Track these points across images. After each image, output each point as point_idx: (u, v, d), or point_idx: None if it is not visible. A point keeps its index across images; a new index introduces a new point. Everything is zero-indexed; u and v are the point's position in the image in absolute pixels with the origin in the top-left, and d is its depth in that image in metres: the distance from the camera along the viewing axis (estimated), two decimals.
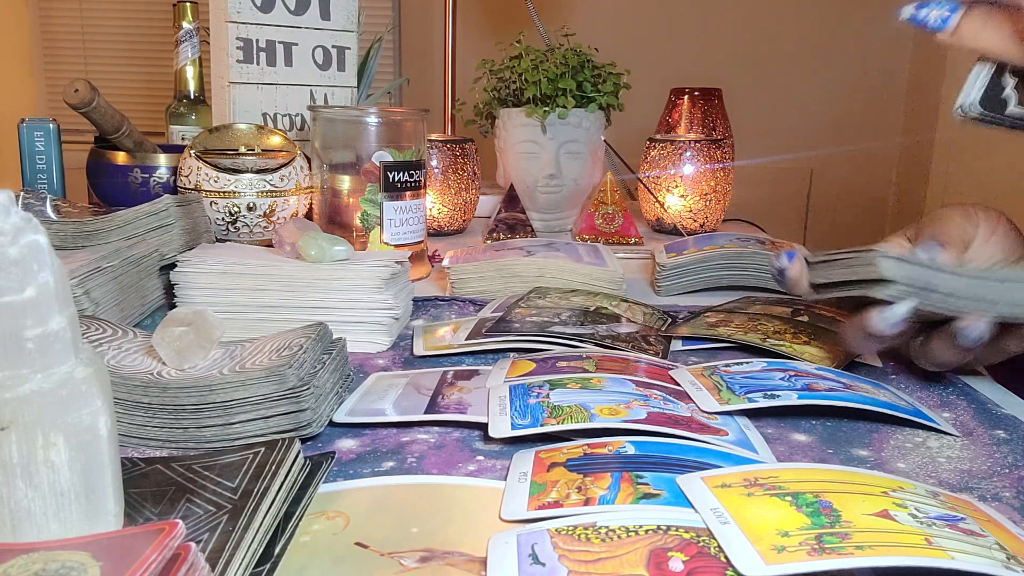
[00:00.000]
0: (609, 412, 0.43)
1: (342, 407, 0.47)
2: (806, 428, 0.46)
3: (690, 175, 1.09)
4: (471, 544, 0.33)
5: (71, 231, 0.66)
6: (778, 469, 0.37)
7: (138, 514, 0.33)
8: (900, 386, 0.53)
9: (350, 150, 0.77)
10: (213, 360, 0.47)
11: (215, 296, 0.60)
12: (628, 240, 1.00)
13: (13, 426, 0.28)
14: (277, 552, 0.32)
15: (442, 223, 1.09)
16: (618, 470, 0.37)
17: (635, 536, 0.31)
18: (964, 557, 0.28)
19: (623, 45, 1.62)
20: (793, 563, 0.28)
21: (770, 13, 2.35)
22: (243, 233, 0.82)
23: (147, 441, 0.43)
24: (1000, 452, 0.44)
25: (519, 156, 1.10)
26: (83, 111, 0.80)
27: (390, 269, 0.61)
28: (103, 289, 0.57)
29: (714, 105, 1.29)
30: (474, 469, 0.40)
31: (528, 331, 0.59)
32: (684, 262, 0.80)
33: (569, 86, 1.05)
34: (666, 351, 0.60)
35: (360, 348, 0.59)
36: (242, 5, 0.90)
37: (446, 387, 0.50)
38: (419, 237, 0.81)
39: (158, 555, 0.25)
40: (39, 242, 0.28)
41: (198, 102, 1.17)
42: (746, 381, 0.49)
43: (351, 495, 0.37)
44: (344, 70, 1.00)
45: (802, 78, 2.37)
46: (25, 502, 0.28)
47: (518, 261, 0.76)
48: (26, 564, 0.25)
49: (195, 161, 0.81)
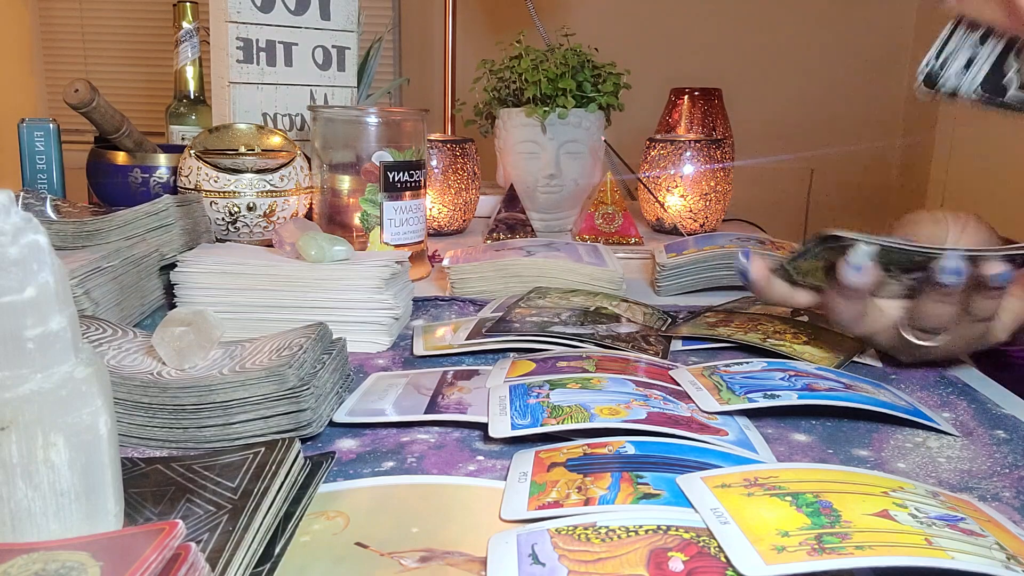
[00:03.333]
0: (609, 412, 0.43)
1: (342, 407, 0.47)
2: (806, 428, 0.46)
3: (690, 175, 1.09)
4: (471, 544, 0.33)
5: (71, 231, 0.66)
6: (778, 469, 0.37)
7: (138, 514, 0.33)
8: (900, 386, 0.53)
9: (350, 150, 0.77)
10: (213, 360, 0.47)
11: (215, 296, 0.60)
12: (628, 240, 1.00)
13: (13, 426, 0.28)
14: (277, 552, 0.32)
15: (442, 223, 1.09)
16: (618, 470, 0.37)
17: (635, 536, 0.31)
18: (964, 557, 0.28)
19: (623, 45, 1.62)
20: (793, 563, 0.28)
21: (770, 13, 2.35)
22: (243, 233, 0.82)
23: (147, 441, 0.43)
24: (1000, 452, 0.44)
25: (519, 156, 1.10)
26: (83, 111, 0.80)
27: (390, 269, 0.61)
28: (103, 289, 0.57)
29: (714, 105, 1.29)
30: (474, 469, 0.40)
31: (528, 331, 0.59)
32: (684, 262, 0.80)
33: (569, 86, 1.05)
34: (666, 351, 0.60)
35: (360, 348, 0.59)
36: (242, 5, 0.90)
37: (446, 387, 0.50)
38: (419, 237, 0.81)
39: (158, 555, 0.25)
40: (39, 242, 0.28)
41: (198, 102, 1.17)
42: (746, 381, 0.49)
43: (351, 495, 0.37)
44: (344, 70, 1.00)
45: (802, 78, 2.37)
46: (25, 502, 0.28)
47: (518, 261, 0.76)
48: (26, 564, 0.25)
49: (195, 161, 0.81)
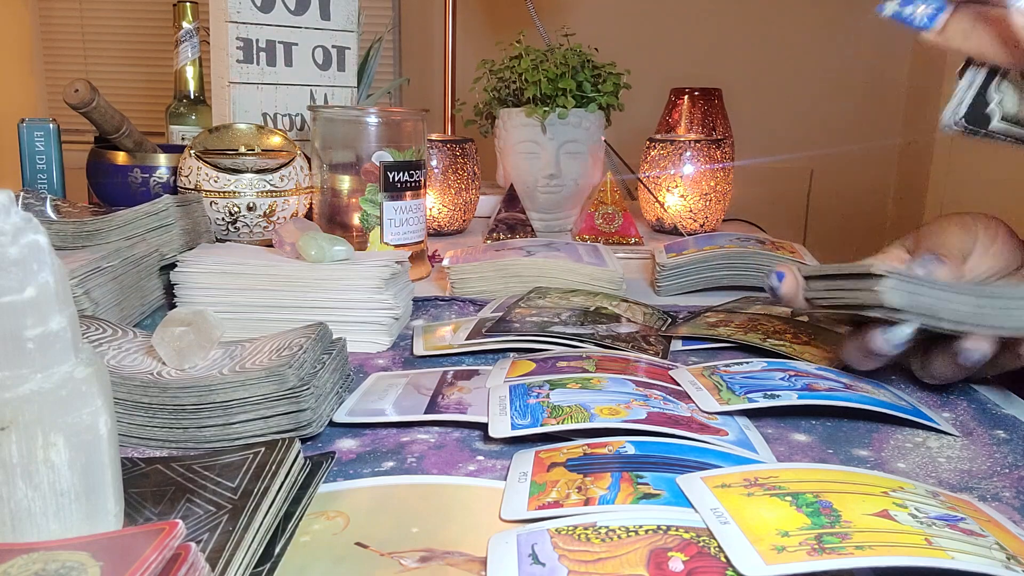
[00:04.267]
0: (609, 412, 0.43)
1: (342, 407, 0.47)
2: (806, 428, 0.46)
3: (690, 175, 1.09)
4: (471, 544, 0.33)
5: (71, 231, 0.66)
6: (778, 469, 0.37)
7: (138, 514, 0.33)
8: (900, 386, 0.53)
9: (350, 150, 0.77)
10: (213, 360, 0.47)
11: (215, 296, 0.60)
12: (628, 240, 1.00)
13: (13, 426, 0.28)
14: (277, 552, 0.32)
15: (442, 223, 1.09)
16: (618, 470, 0.37)
17: (635, 536, 0.31)
18: (964, 557, 0.28)
19: (623, 45, 1.62)
20: (793, 563, 0.28)
21: (770, 13, 2.35)
22: (243, 233, 0.82)
23: (147, 441, 0.43)
24: (1000, 452, 0.44)
25: (519, 156, 1.10)
26: (83, 111, 0.80)
27: (390, 269, 0.61)
28: (103, 289, 0.57)
29: (714, 105, 1.29)
30: (474, 469, 0.40)
31: (528, 331, 0.59)
32: (684, 262, 0.80)
33: (569, 86, 1.05)
34: (666, 351, 0.59)
35: (360, 348, 0.59)
36: (242, 5, 0.90)
37: (446, 387, 0.50)
38: (419, 237, 0.81)
39: (158, 555, 0.25)
40: (39, 242, 0.28)
41: (198, 102, 1.17)
42: (746, 381, 0.49)
43: (351, 495, 0.37)
44: (344, 70, 1.00)
45: (802, 78, 2.37)
46: (25, 502, 0.28)
47: (518, 261, 0.76)
48: (26, 564, 0.25)
49: (195, 161, 0.81)
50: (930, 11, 0.46)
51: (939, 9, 0.46)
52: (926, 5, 0.46)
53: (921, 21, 0.46)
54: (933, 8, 0.46)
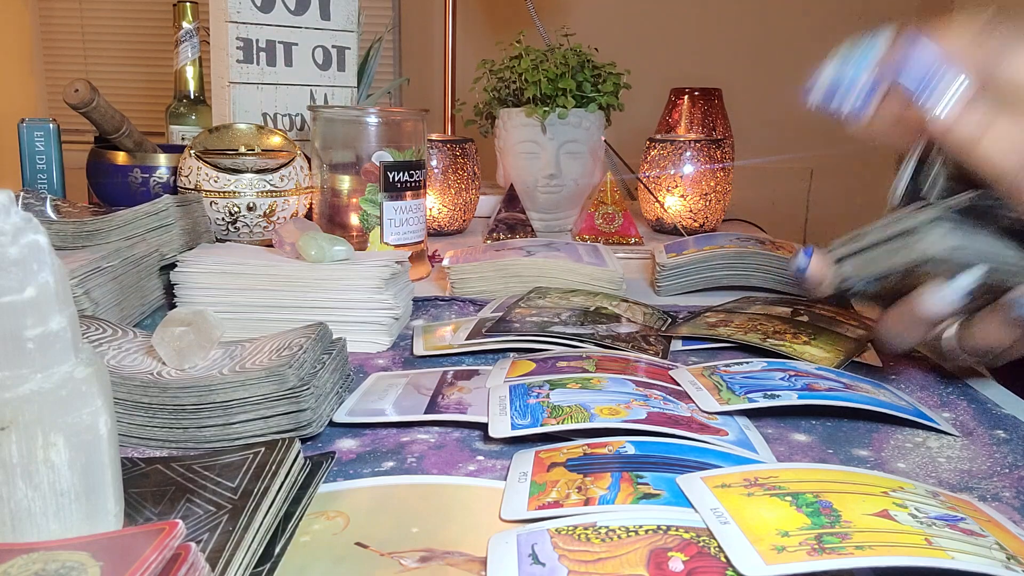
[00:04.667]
0: (609, 412, 0.43)
1: (342, 407, 0.47)
2: (806, 428, 0.46)
3: (690, 175, 1.09)
4: (471, 544, 0.33)
5: (71, 231, 0.66)
6: (778, 469, 0.37)
7: (138, 514, 0.33)
8: (900, 386, 0.53)
9: (350, 150, 0.77)
10: (213, 360, 0.47)
11: (215, 296, 0.60)
12: (628, 240, 1.00)
13: (13, 426, 0.28)
14: (277, 552, 0.32)
15: (442, 223, 1.09)
16: (618, 470, 0.37)
17: (635, 536, 0.31)
18: (964, 557, 0.28)
19: (623, 45, 1.61)
20: (793, 563, 0.28)
21: (770, 13, 2.35)
22: (243, 233, 0.82)
23: (147, 441, 0.43)
24: (1000, 452, 0.44)
25: (519, 156, 1.10)
26: (83, 111, 0.80)
27: (390, 269, 0.61)
28: (103, 289, 0.57)
29: (714, 105, 1.29)
30: (474, 469, 0.40)
31: (528, 331, 0.59)
32: (684, 262, 0.80)
33: (569, 86, 1.05)
34: (666, 351, 0.59)
35: (360, 348, 0.59)
36: (242, 5, 0.90)
37: (446, 387, 0.50)
38: (419, 237, 0.81)
39: (158, 555, 0.25)
40: (39, 242, 0.28)
41: (198, 102, 1.17)
42: (746, 381, 0.49)
43: (351, 495, 0.37)
44: (344, 70, 1.00)
45: (802, 78, 2.37)
46: (25, 502, 0.28)
47: (518, 261, 0.76)
48: (26, 564, 0.25)
49: (195, 161, 0.81)
50: (858, 102, 0.46)
51: (865, 101, 0.46)
52: (855, 96, 0.46)
53: (852, 108, 0.47)
54: (860, 100, 0.46)
